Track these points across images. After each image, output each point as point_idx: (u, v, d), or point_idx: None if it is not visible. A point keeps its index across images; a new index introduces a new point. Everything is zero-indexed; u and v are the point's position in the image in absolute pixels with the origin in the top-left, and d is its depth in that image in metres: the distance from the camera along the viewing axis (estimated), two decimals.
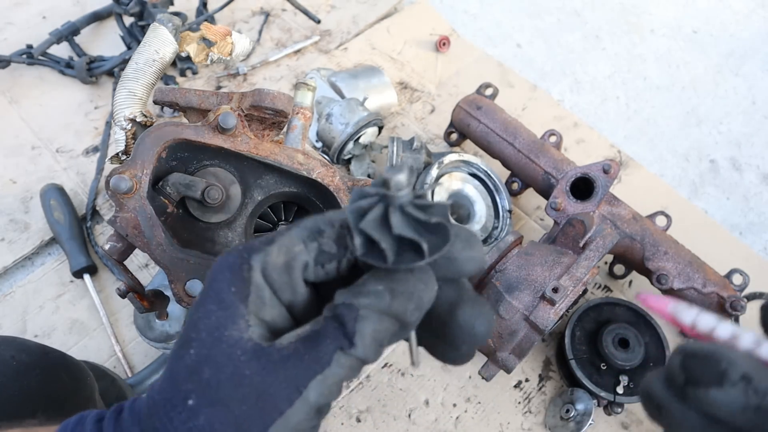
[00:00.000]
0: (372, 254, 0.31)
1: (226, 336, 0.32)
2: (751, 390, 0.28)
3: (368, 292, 0.32)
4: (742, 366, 0.28)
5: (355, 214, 0.31)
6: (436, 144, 1.26)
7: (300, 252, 0.33)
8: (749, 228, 1.26)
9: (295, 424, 0.31)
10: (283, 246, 0.33)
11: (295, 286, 0.33)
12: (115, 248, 0.57)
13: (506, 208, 1.08)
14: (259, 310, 0.32)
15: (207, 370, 0.31)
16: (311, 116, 0.67)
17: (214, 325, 0.32)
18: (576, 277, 0.78)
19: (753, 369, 0.28)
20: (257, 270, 0.32)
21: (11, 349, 0.60)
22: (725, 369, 0.28)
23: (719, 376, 0.28)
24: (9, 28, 1.38)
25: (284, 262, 0.33)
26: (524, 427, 0.94)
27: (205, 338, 0.32)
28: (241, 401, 0.30)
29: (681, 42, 1.60)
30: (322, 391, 0.31)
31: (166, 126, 0.58)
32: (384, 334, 0.32)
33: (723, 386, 0.28)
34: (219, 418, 0.30)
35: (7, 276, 1.04)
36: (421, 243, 0.30)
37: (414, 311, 0.32)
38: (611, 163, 0.94)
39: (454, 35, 1.45)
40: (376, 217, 0.30)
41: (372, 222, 0.30)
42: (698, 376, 0.29)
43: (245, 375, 0.31)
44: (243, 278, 0.32)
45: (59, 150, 1.18)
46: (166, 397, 0.32)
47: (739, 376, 0.28)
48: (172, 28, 0.82)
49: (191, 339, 0.32)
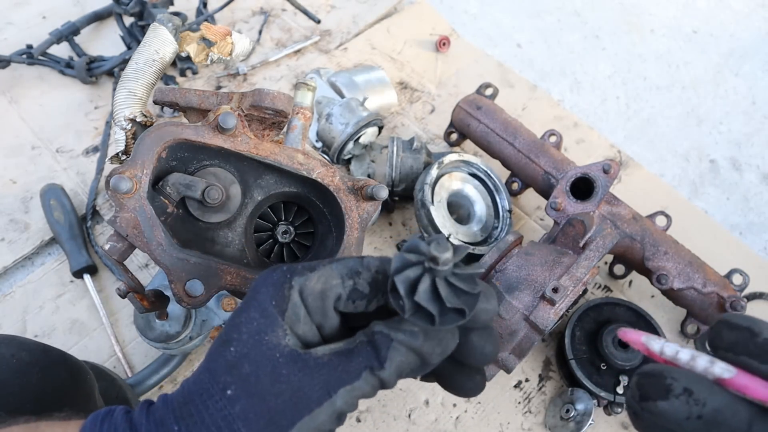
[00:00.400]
0: (419, 316, 0.36)
1: (266, 340, 0.36)
2: (692, 401, 0.32)
3: (405, 330, 0.37)
4: (684, 381, 0.33)
5: (405, 285, 0.36)
6: (436, 144, 1.26)
7: (336, 285, 0.38)
8: (749, 228, 1.26)
9: (319, 423, 0.35)
10: (323, 276, 0.38)
11: (326, 311, 0.38)
12: (115, 248, 0.57)
13: (506, 208, 1.08)
14: (293, 324, 0.37)
15: (247, 366, 0.35)
16: (311, 116, 0.67)
17: (255, 329, 0.36)
18: (576, 277, 0.78)
19: (694, 383, 0.32)
20: (296, 290, 0.37)
21: (11, 348, 0.60)
22: (670, 384, 0.33)
23: (665, 390, 0.33)
24: (9, 28, 1.38)
25: (320, 290, 0.38)
26: (524, 427, 0.94)
27: (246, 339, 0.36)
28: (276, 396, 0.34)
29: (681, 42, 1.60)
30: (347, 400, 0.36)
31: (166, 126, 0.58)
32: (407, 367, 0.37)
33: (668, 399, 0.33)
34: (254, 409, 0.34)
35: (7, 276, 1.04)
36: (466, 310, 0.36)
37: (438, 355, 0.38)
38: (611, 163, 0.94)
39: (454, 35, 1.45)
40: (426, 289, 0.35)
41: (424, 294, 0.35)
42: (648, 391, 0.34)
43: (282, 374, 0.35)
44: (284, 295, 0.37)
45: (59, 150, 1.18)
46: (204, 387, 0.36)
47: (682, 389, 0.32)
48: (172, 28, 0.82)
49: (232, 339, 0.37)
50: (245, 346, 0.36)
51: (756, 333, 0.32)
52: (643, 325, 0.96)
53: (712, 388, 0.32)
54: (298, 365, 0.35)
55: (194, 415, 0.35)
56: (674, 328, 1.03)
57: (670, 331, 1.02)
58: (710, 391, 0.32)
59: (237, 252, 0.64)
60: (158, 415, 0.36)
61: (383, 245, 1.11)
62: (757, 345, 0.32)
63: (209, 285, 0.56)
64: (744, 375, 0.32)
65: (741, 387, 0.31)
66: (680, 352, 0.35)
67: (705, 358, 0.33)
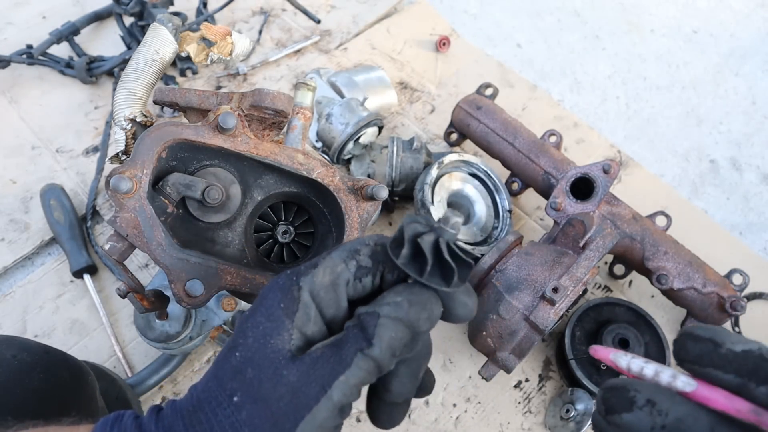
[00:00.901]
0: (411, 266, 0.37)
1: (270, 343, 0.36)
2: (655, 411, 0.33)
3: (388, 302, 0.37)
4: (647, 393, 0.34)
5: (411, 231, 0.37)
6: (436, 144, 1.26)
7: (342, 270, 0.39)
8: (749, 228, 1.26)
9: (321, 421, 0.35)
10: (327, 267, 0.38)
11: (339, 301, 0.39)
12: (115, 248, 0.57)
13: (506, 208, 1.08)
14: (303, 325, 0.37)
15: (250, 370, 0.36)
16: (311, 116, 0.67)
17: (261, 333, 0.37)
18: (576, 277, 0.78)
19: (656, 394, 0.33)
20: (306, 290, 0.38)
21: (12, 349, 0.60)
22: (633, 396, 0.34)
23: (629, 402, 0.34)
24: (9, 28, 1.38)
25: (330, 281, 0.38)
26: (524, 427, 0.94)
27: (251, 344, 0.37)
28: (278, 399, 0.35)
29: (681, 42, 1.60)
30: (344, 391, 0.35)
31: (166, 126, 0.58)
32: (398, 342, 0.37)
33: (632, 410, 0.33)
34: (259, 414, 0.35)
35: (7, 276, 1.04)
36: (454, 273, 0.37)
37: (426, 321, 0.37)
38: (611, 163, 0.94)
39: (454, 35, 1.45)
40: (430, 241, 0.36)
41: (426, 245, 0.36)
42: (613, 405, 0.34)
43: (283, 375, 0.35)
44: (293, 297, 0.38)
45: (59, 150, 1.18)
46: (212, 394, 0.36)
47: (645, 400, 0.33)
48: (172, 28, 0.82)
49: (238, 344, 0.37)
50: (250, 351, 0.36)
51: (719, 344, 0.33)
52: (643, 325, 0.96)
53: (674, 398, 0.33)
54: (296, 364, 0.35)
55: (204, 423, 0.35)
56: (674, 328, 1.03)
57: (670, 332, 1.02)
58: (672, 401, 0.33)
59: (237, 252, 0.64)
60: (167, 422, 0.37)
61: None
62: (720, 356, 0.33)
63: (209, 285, 0.56)
64: (705, 387, 0.33)
65: (703, 399, 0.32)
66: (645, 368, 0.36)
67: (668, 373, 0.35)
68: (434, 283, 0.37)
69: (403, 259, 0.37)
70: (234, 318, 0.87)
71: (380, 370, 0.37)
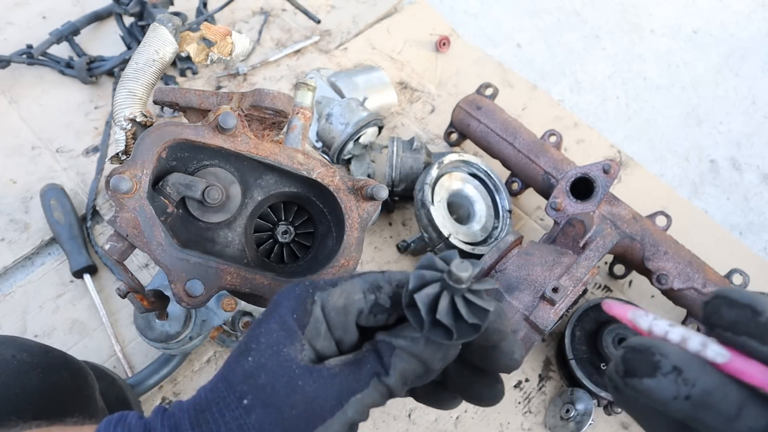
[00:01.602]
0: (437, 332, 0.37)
1: (283, 352, 0.36)
2: (681, 380, 0.30)
3: (405, 336, 0.38)
4: (674, 358, 0.30)
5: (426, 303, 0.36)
6: (436, 144, 1.26)
7: (358, 300, 0.39)
8: (749, 228, 1.26)
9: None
10: (345, 291, 0.39)
11: (347, 326, 0.39)
12: (115, 248, 0.57)
13: (506, 208, 1.08)
14: (313, 339, 0.38)
15: (264, 376, 0.36)
16: (311, 116, 0.67)
17: (274, 340, 0.37)
18: (576, 277, 0.78)
19: (684, 361, 0.30)
20: (319, 306, 0.38)
21: (12, 349, 0.60)
22: (658, 361, 0.30)
23: (653, 367, 0.31)
24: (9, 28, 1.37)
25: (343, 305, 0.39)
26: (524, 427, 0.94)
27: (265, 350, 0.37)
28: (291, 406, 0.35)
29: (681, 42, 1.60)
30: (357, 409, 0.36)
31: (166, 126, 0.58)
32: (411, 374, 0.38)
33: (656, 376, 0.30)
34: (269, 419, 0.35)
35: (7, 276, 1.04)
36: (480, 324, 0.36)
37: (440, 360, 0.38)
38: (611, 163, 0.94)
39: (454, 35, 1.45)
40: (446, 306, 0.36)
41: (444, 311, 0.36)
42: (635, 367, 0.31)
43: (298, 385, 0.35)
44: (306, 309, 0.38)
45: (59, 150, 1.18)
46: (220, 396, 0.36)
47: (671, 367, 0.30)
48: (172, 28, 0.82)
49: (251, 349, 0.37)
50: (263, 356, 0.36)
51: (759, 312, 0.29)
52: None
53: (703, 368, 0.30)
54: (313, 376, 0.36)
55: (210, 423, 0.35)
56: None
57: None
58: (701, 371, 0.30)
59: (237, 252, 0.64)
60: (173, 421, 0.37)
61: (383, 245, 1.11)
62: (759, 325, 0.29)
63: (209, 285, 0.56)
64: (739, 359, 0.29)
65: (735, 372, 0.29)
66: (670, 332, 0.32)
67: (697, 340, 0.31)
68: (436, 337, 0.37)
69: (427, 328, 0.37)
70: (234, 318, 0.87)
71: (392, 396, 0.38)
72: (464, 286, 0.36)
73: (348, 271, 0.61)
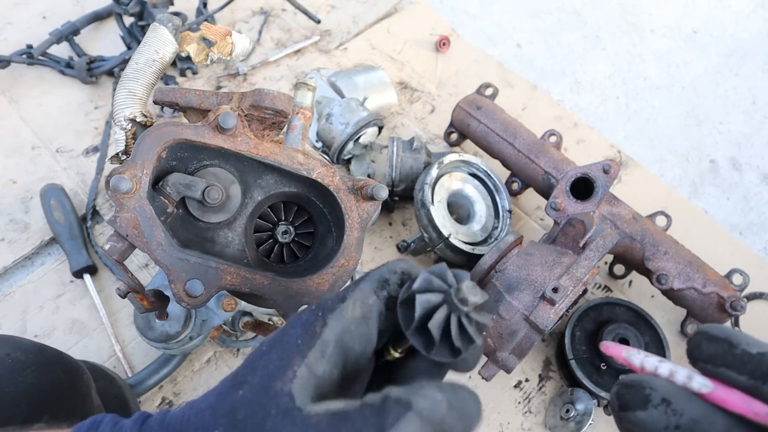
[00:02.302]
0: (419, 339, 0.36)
1: (272, 386, 0.33)
2: (670, 411, 0.32)
3: (425, 395, 0.31)
4: (663, 391, 0.33)
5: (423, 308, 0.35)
6: (436, 144, 1.26)
7: (374, 303, 0.37)
8: (749, 228, 1.26)
9: None
10: (358, 300, 0.37)
11: (371, 335, 0.37)
12: (115, 248, 0.57)
13: (506, 208, 1.08)
14: (315, 363, 0.34)
15: (243, 412, 0.33)
16: (311, 116, 0.67)
17: (269, 373, 0.34)
18: (576, 277, 0.78)
19: (672, 393, 0.33)
20: (331, 327, 0.35)
21: (7, 347, 0.60)
22: (648, 394, 0.33)
23: (644, 401, 0.33)
24: (9, 28, 1.37)
25: (362, 314, 0.37)
26: (524, 427, 0.94)
27: (257, 384, 0.34)
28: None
29: (681, 42, 1.60)
30: None
31: (166, 126, 0.58)
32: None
33: (647, 409, 0.33)
34: None
35: (7, 276, 1.04)
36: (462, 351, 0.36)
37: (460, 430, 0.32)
38: (611, 163, 0.94)
39: (454, 35, 1.45)
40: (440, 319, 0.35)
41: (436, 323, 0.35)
42: (628, 401, 0.34)
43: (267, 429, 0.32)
44: (314, 332, 0.35)
45: (59, 150, 1.18)
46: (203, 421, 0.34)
47: (660, 399, 0.33)
48: (172, 28, 0.82)
49: (245, 381, 0.34)
50: (253, 391, 0.34)
51: (734, 344, 0.33)
52: (643, 325, 0.96)
53: (690, 399, 0.33)
54: (285, 422, 0.32)
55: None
56: (674, 328, 1.03)
57: (670, 332, 1.02)
58: (688, 401, 0.32)
59: (237, 252, 0.64)
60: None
61: (383, 245, 1.11)
62: (736, 356, 0.32)
63: (209, 285, 0.56)
64: (722, 388, 0.32)
65: (719, 400, 0.32)
66: (659, 366, 0.35)
67: (683, 373, 0.34)
68: (441, 357, 0.36)
69: (412, 330, 0.36)
70: (234, 318, 0.87)
71: None
72: (466, 309, 0.35)
73: (348, 271, 0.61)
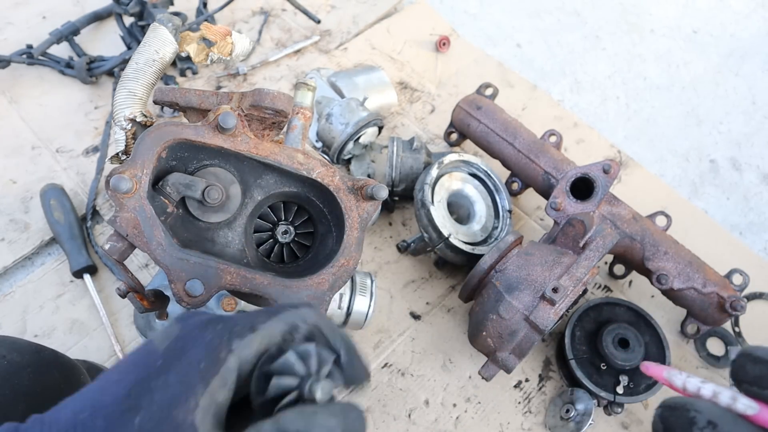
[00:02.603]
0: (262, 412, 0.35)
1: (172, 416, 0.32)
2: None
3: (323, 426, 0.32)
4: (708, 413, 0.33)
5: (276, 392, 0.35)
6: (436, 144, 1.26)
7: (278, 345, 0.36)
8: (749, 228, 1.26)
9: None
10: (266, 338, 0.36)
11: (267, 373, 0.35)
12: (115, 248, 0.57)
13: (506, 208, 1.08)
14: (216, 391, 0.33)
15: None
16: (311, 116, 0.67)
17: (168, 399, 0.32)
18: (576, 277, 0.78)
19: (717, 416, 0.33)
20: (235, 356, 0.34)
21: (2, 348, 0.60)
22: (693, 417, 0.33)
23: (689, 423, 0.33)
24: (9, 28, 1.38)
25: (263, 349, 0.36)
26: (524, 427, 0.94)
27: (155, 411, 0.32)
28: None
29: (681, 42, 1.60)
30: None
31: (166, 126, 0.58)
32: None
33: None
34: None
35: (7, 276, 1.04)
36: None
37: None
38: (611, 163, 0.94)
39: (454, 35, 1.45)
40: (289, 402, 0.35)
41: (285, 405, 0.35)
42: (672, 425, 0.34)
43: None
44: (217, 359, 0.34)
45: (59, 150, 1.18)
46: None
47: (706, 422, 0.32)
48: (172, 28, 0.82)
49: (141, 407, 0.32)
50: (151, 421, 0.32)
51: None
52: (643, 325, 0.96)
53: (735, 421, 0.32)
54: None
55: None
56: (674, 328, 1.03)
57: (670, 332, 1.02)
58: (734, 423, 0.32)
59: (237, 252, 0.64)
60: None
61: (383, 245, 1.11)
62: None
63: (209, 285, 0.57)
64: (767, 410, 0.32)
65: (765, 422, 0.32)
66: (702, 388, 0.35)
67: (727, 394, 0.34)
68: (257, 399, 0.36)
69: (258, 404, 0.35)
70: None
71: None
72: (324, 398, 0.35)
73: (348, 271, 0.61)
